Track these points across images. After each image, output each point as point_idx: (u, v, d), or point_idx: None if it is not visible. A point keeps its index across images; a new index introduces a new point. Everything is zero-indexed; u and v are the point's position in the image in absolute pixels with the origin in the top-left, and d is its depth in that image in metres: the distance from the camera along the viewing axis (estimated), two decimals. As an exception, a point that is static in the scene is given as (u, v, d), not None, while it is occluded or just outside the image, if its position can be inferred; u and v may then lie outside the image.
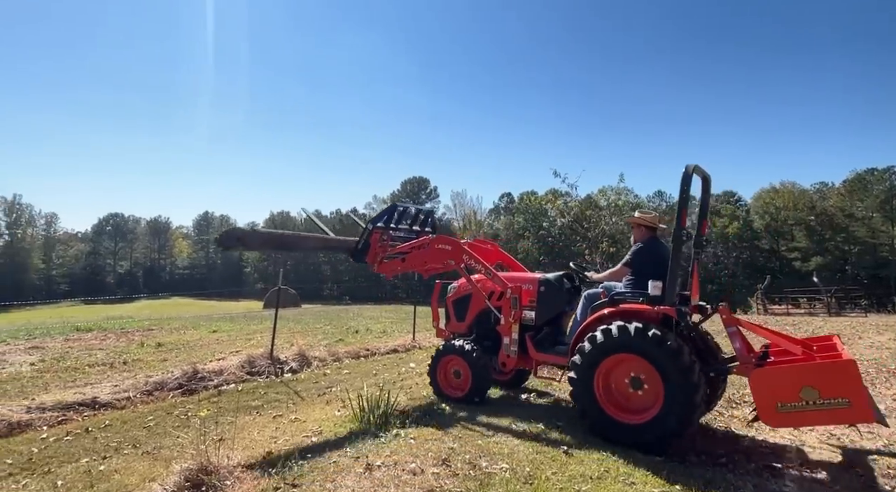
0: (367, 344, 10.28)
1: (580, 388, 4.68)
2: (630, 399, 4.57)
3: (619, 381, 4.62)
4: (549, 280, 5.74)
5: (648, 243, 5.17)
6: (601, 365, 4.60)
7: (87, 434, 4.99)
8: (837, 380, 3.80)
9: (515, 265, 6.59)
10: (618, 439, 4.47)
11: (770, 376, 4.13)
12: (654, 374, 4.37)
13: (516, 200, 75.49)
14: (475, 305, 6.05)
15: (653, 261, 4.96)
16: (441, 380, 5.86)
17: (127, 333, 12.87)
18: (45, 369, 8.23)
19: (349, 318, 17.76)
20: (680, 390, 4.24)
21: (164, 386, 6.43)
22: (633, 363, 4.51)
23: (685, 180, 4.55)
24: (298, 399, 6.34)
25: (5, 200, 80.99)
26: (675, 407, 4.25)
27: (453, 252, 5.90)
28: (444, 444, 4.43)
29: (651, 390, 4.44)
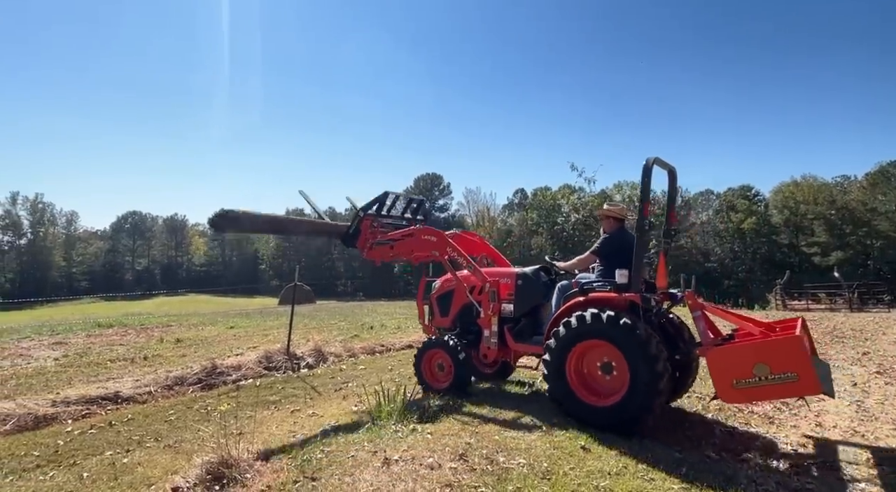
0: (382, 340, 10.33)
1: (553, 372, 4.90)
2: (600, 383, 4.82)
3: (592, 366, 4.85)
4: (527, 274, 5.90)
5: (616, 234, 5.36)
6: (573, 350, 4.82)
7: (111, 428, 5.09)
8: (786, 356, 4.05)
9: (500, 259, 6.74)
10: (586, 421, 4.70)
11: (725, 355, 4.35)
12: (622, 359, 4.60)
13: (530, 196, 75.12)
14: (458, 300, 6.21)
15: (620, 250, 5.12)
16: (426, 373, 6.00)
17: (146, 329, 13.09)
18: (69, 363, 8.41)
19: (363, 314, 17.85)
20: (645, 375, 4.44)
21: (184, 381, 6.53)
22: (603, 349, 4.73)
23: (646, 173, 4.77)
24: (315, 394, 6.39)
25: (28, 199, 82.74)
26: (640, 391, 4.46)
27: (437, 244, 6.06)
28: (461, 439, 4.43)
29: (619, 375, 4.67)
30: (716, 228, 63.59)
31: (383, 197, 6.48)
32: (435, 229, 6.20)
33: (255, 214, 5.74)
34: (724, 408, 5.78)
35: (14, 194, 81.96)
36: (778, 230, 60.39)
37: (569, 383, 4.84)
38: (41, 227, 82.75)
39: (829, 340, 10.45)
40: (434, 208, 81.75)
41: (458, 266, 6.13)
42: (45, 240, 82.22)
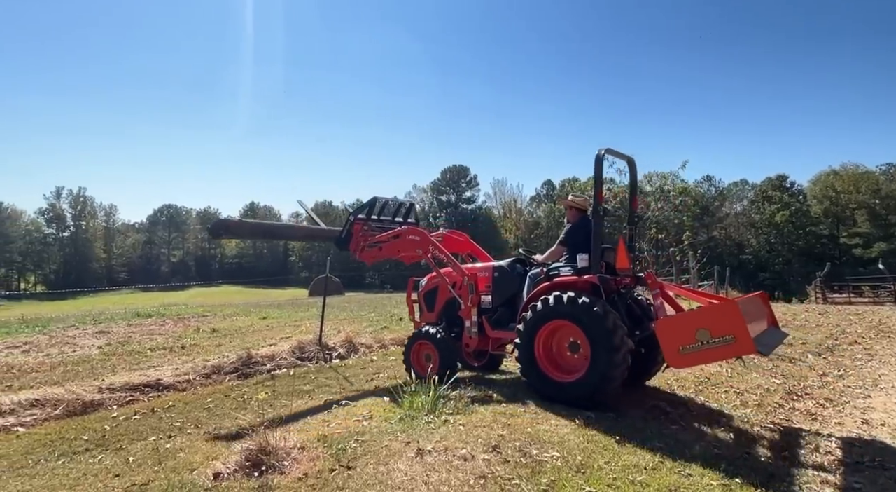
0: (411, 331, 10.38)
1: (523, 352, 5.28)
2: (568, 361, 5.22)
3: (560, 346, 5.26)
4: (502, 266, 6.21)
5: (578, 222, 5.74)
6: (539, 332, 5.20)
7: (153, 414, 5.27)
8: (722, 320, 4.36)
9: (483, 256, 7.04)
10: (553, 396, 5.11)
11: (671, 324, 4.70)
12: (584, 337, 4.95)
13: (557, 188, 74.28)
14: (442, 295, 6.48)
15: (583, 237, 5.45)
16: (414, 363, 6.26)
17: (183, 320, 13.50)
18: (112, 352, 8.74)
19: (392, 306, 17.99)
20: (603, 349, 4.79)
21: (221, 370, 6.71)
22: (568, 329, 5.11)
23: (597, 163, 5.26)
24: (347, 384, 6.49)
25: (71, 193, 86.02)
26: (599, 365, 4.81)
27: (421, 243, 6.39)
28: (494, 431, 4.43)
29: (582, 353, 5.04)
30: (751, 218, 61.75)
31: (372, 202, 6.83)
32: (419, 229, 6.58)
33: (250, 222, 6.42)
34: (763, 404, 5.64)
35: (58, 189, 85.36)
36: (817, 221, 58.25)
37: (537, 362, 5.22)
38: (83, 220, 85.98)
39: (874, 335, 10.05)
40: (461, 200, 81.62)
41: (442, 264, 6.44)
42: (86, 232, 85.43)
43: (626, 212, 6.30)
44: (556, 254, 5.88)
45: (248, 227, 6.19)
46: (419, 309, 6.91)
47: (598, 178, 5.32)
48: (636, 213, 6.02)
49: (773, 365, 7.01)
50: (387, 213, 7.14)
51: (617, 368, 4.80)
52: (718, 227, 61.13)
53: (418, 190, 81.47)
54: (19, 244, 79.09)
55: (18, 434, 4.68)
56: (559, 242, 5.86)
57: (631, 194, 6.08)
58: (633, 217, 5.92)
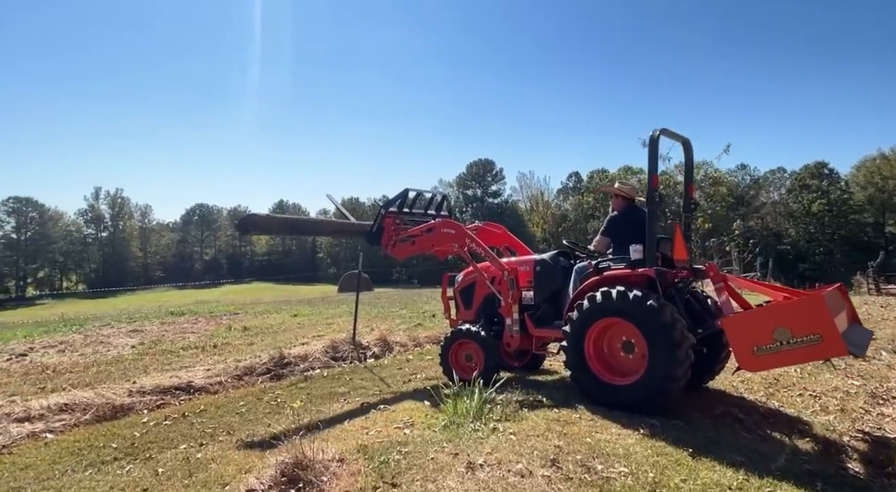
0: (446, 329, 9.99)
1: (572, 354, 4.92)
2: (622, 363, 4.81)
3: (612, 345, 4.86)
4: (545, 260, 5.87)
5: (624, 212, 5.40)
6: (589, 331, 4.82)
7: (184, 419, 5.03)
8: (806, 317, 3.88)
9: (522, 249, 6.67)
10: (608, 401, 4.70)
11: (743, 321, 4.23)
12: (639, 335, 4.55)
13: (585, 180, 72.87)
14: (480, 291, 6.17)
15: (632, 228, 5.11)
16: (454, 364, 5.90)
17: (215, 317, 13.45)
18: (144, 351, 8.63)
19: (423, 302, 17.69)
20: (662, 347, 4.37)
21: (253, 371, 6.46)
22: (621, 327, 4.72)
23: (652, 144, 4.82)
24: (384, 386, 6.15)
25: (109, 194, 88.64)
26: (659, 364, 4.39)
27: (457, 236, 6.05)
28: (549, 441, 4.01)
29: (639, 352, 4.62)
30: (789, 208, 59.37)
31: (404, 194, 6.45)
32: (454, 222, 6.25)
33: (278, 217, 6.05)
34: (845, 409, 5.06)
35: (97, 190, 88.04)
36: (860, 209, 55.60)
37: (588, 365, 4.85)
38: (120, 220, 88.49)
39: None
40: (487, 194, 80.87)
41: (478, 258, 6.06)
42: (123, 232, 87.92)
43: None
44: (600, 245, 5.56)
45: (276, 222, 5.93)
46: (455, 306, 6.56)
47: (653, 160, 4.89)
48: (692, 199, 5.51)
49: (846, 364, 6.37)
50: (419, 205, 6.82)
51: (679, 366, 4.38)
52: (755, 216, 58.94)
53: (444, 185, 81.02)
54: (61, 244, 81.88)
55: (47, 442, 4.48)
56: (601, 232, 5.54)
57: (687, 179, 5.61)
58: (689, 204, 5.44)
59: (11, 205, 77.97)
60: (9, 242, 76.49)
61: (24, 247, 77.89)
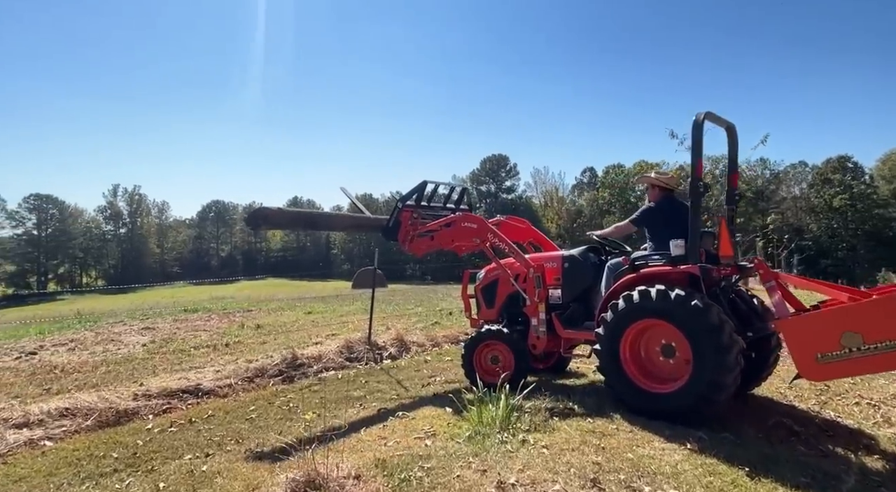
0: (465, 328, 9.63)
1: (606, 359, 4.58)
2: (662, 368, 4.43)
3: (650, 349, 4.49)
4: (573, 256, 5.53)
5: (662, 203, 5.02)
6: (626, 333, 4.46)
7: (191, 426, 4.73)
8: (881, 321, 3.44)
9: (547, 244, 6.37)
10: (648, 410, 4.31)
11: (804, 325, 3.83)
12: (682, 338, 4.19)
13: (600, 175, 71.92)
14: (503, 289, 5.85)
15: (670, 221, 4.76)
16: (478, 367, 5.56)
17: (228, 315, 13.25)
18: (155, 350, 8.40)
19: (438, 299, 17.34)
20: (709, 352, 3.99)
21: (265, 373, 6.16)
22: (661, 329, 4.36)
23: (696, 129, 4.45)
24: (402, 390, 5.80)
25: (126, 191, 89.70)
26: (706, 370, 4.01)
27: (479, 231, 5.72)
28: (586, 456, 3.63)
29: (681, 357, 4.27)
30: (810, 203, 57.88)
31: (422, 186, 6.08)
32: (475, 216, 5.93)
33: (290, 211, 5.64)
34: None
35: (115, 187, 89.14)
36: (885, 203, 53.99)
37: (624, 369, 4.48)
38: (138, 217, 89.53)
39: None
40: (501, 190, 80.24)
41: (501, 254, 5.73)
42: (141, 229, 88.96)
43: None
44: (623, 230, 5.36)
45: (287, 216, 5.60)
46: (476, 305, 6.20)
47: (697, 146, 4.50)
48: (736, 190, 5.06)
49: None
50: (437, 199, 6.47)
51: (728, 372, 4.00)
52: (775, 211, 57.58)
53: (457, 181, 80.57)
54: (80, 241, 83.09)
55: (44, 450, 4.20)
56: (630, 219, 5.20)
57: (731, 168, 5.14)
58: (732, 195, 5.02)
59: (32, 202, 79.25)
60: (30, 238, 77.79)
61: (45, 243, 79.18)
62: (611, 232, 5.49)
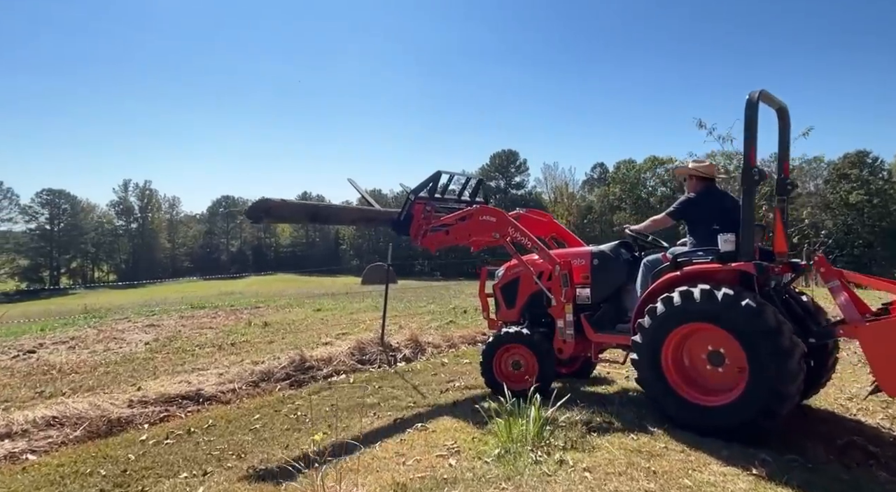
0: (482, 327, 9.13)
1: (645, 369, 4.13)
2: (710, 377, 3.97)
3: (695, 357, 4.04)
4: (604, 252, 5.09)
5: (702, 194, 4.57)
6: (668, 340, 4.01)
7: (189, 437, 4.31)
8: None
9: (572, 239, 5.95)
10: (697, 425, 3.86)
11: (889, 331, 3.35)
12: (734, 344, 3.74)
13: (611, 171, 71.03)
14: (524, 288, 5.39)
15: (713, 213, 4.36)
16: (498, 373, 5.18)
17: (235, 311, 12.87)
18: (158, 349, 8.03)
19: (451, 296, 16.87)
20: (768, 359, 3.56)
21: (271, 376, 5.73)
22: (708, 334, 3.93)
23: (750, 110, 3.98)
24: (419, 396, 5.35)
25: (138, 186, 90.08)
26: (764, 380, 3.58)
27: (498, 225, 5.32)
28: (637, 482, 3.15)
29: (733, 365, 3.82)
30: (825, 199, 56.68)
31: (436, 177, 5.66)
32: (495, 209, 5.53)
33: (293, 203, 5.23)
34: None
35: (126, 182, 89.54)
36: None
37: (667, 379, 4.03)
38: (149, 212, 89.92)
39: None
40: (510, 186, 79.45)
41: (523, 250, 5.32)
42: (152, 224, 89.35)
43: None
44: (659, 224, 4.84)
45: (291, 208, 5.17)
46: (496, 305, 5.75)
47: (751, 130, 4.03)
48: (788, 179, 4.49)
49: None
50: (450, 192, 6.12)
51: (791, 381, 3.59)
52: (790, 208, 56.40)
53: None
54: (92, 235, 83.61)
55: (25, 465, 3.80)
56: (668, 212, 4.71)
57: (782, 155, 4.61)
58: (784, 185, 4.42)
59: (45, 197, 79.81)
60: (43, 233, 78.37)
61: (58, 238, 79.74)
62: (647, 226, 4.99)
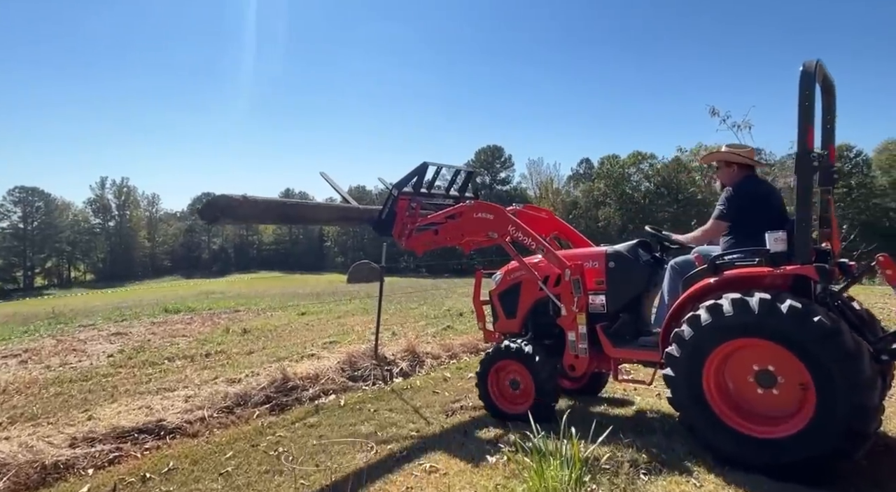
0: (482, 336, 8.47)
1: (682, 389, 3.48)
2: (759, 402, 3.32)
3: (740, 377, 3.38)
4: (620, 253, 4.40)
5: (744, 186, 3.88)
6: (711, 356, 3.38)
7: (143, 486, 3.49)
8: None
9: (576, 237, 5.29)
10: (747, 461, 3.23)
11: None
12: (796, 364, 3.11)
13: (596, 166, 70.88)
14: (527, 294, 4.76)
15: (756, 207, 3.74)
16: (494, 393, 4.58)
17: (213, 316, 12.00)
18: (121, 362, 7.17)
19: (442, 295, 16.15)
20: (845, 385, 2.94)
21: (248, 400, 4.92)
22: (756, 351, 3.29)
23: (805, 81, 3.31)
24: (422, 423, 4.59)
25: (115, 184, 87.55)
26: (840, 411, 2.95)
27: (496, 222, 4.65)
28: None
29: (790, 388, 3.20)
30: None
31: (422, 169, 4.99)
32: (492, 204, 4.85)
33: (257, 200, 4.35)
34: None
35: (103, 179, 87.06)
36: (883, 193, 53.31)
37: (710, 406, 3.39)
38: (127, 209, 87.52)
39: None
40: (495, 181, 78.84)
41: (523, 251, 4.69)
42: (130, 222, 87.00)
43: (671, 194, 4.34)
44: (712, 233, 4.00)
45: (255, 207, 4.28)
46: (493, 314, 5.07)
47: (807, 106, 3.31)
48: (834, 167, 3.89)
49: None
50: (437, 187, 5.40)
51: (875, 414, 3.01)
52: (774, 180, 56.63)
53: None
54: (68, 234, 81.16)
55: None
56: (715, 215, 3.93)
57: (827, 138, 3.93)
58: (830, 174, 3.80)
59: (17, 195, 77.25)
60: (15, 231, 75.82)
61: (31, 237, 77.22)
62: (697, 237, 4.15)
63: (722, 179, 4.11)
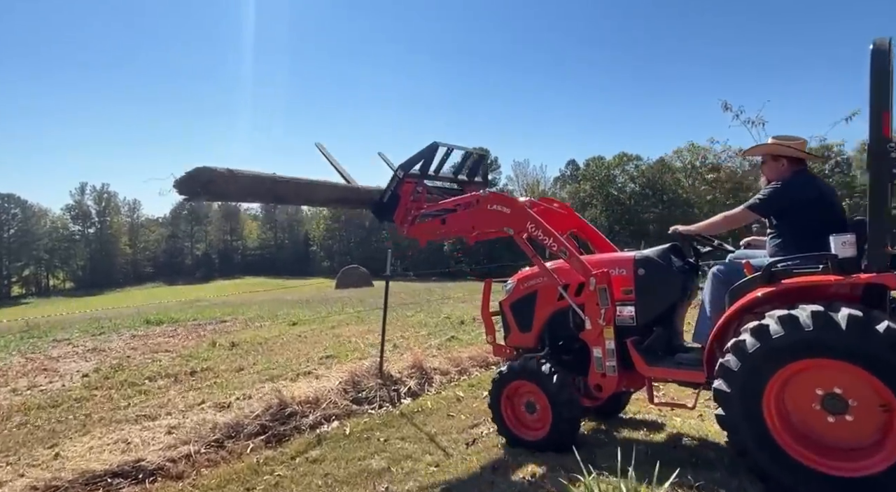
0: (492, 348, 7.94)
1: (737, 412, 3.03)
2: (827, 431, 2.87)
3: (801, 401, 2.94)
4: (650, 258, 3.88)
5: (796, 181, 3.45)
6: (776, 376, 2.92)
7: (116, 550, 2.91)
8: None
9: (599, 239, 4.71)
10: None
11: None
12: (881, 390, 2.67)
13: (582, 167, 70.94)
14: (544, 304, 4.24)
15: (812, 206, 3.34)
16: (509, 417, 4.11)
17: (199, 327, 11.30)
18: (96, 384, 6.51)
19: (437, 300, 15.62)
20: None
21: (241, 431, 4.33)
22: (822, 373, 2.85)
23: (879, 59, 2.83)
24: (440, 453, 4.05)
25: (95, 189, 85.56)
26: None
27: (513, 217, 4.07)
28: None
29: (866, 416, 2.76)
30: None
31: (432, 149, 4.43)
32: (508, 196, 4.42)
33: (244, 175, 3.74)
34: None
35: (83, 185, 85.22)
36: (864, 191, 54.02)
37: (774, 438, 2.94)
38: (107, 216, 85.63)
39: None
40: (483, 184, 78.64)
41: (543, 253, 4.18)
42: (111, 228, 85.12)
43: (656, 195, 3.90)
44: (732, 221, 3.66)
45: (241, 182, 3.66)
46: (505, 326, 4.55)
47: (881, 86, 2.83)
48: None
49: None
50: (446, 170, 4.90)
51: None
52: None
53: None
54: (46, 241, 79.16)
55: None
56: (749, 205, 3.55)
57: None
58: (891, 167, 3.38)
59: (-8, 201, 75.14)
60: (-10, 239, 73.69)
61: (8, 245, 75.19)
62: (712, 225, 3.76)
63: (768, 175, 3.68)
